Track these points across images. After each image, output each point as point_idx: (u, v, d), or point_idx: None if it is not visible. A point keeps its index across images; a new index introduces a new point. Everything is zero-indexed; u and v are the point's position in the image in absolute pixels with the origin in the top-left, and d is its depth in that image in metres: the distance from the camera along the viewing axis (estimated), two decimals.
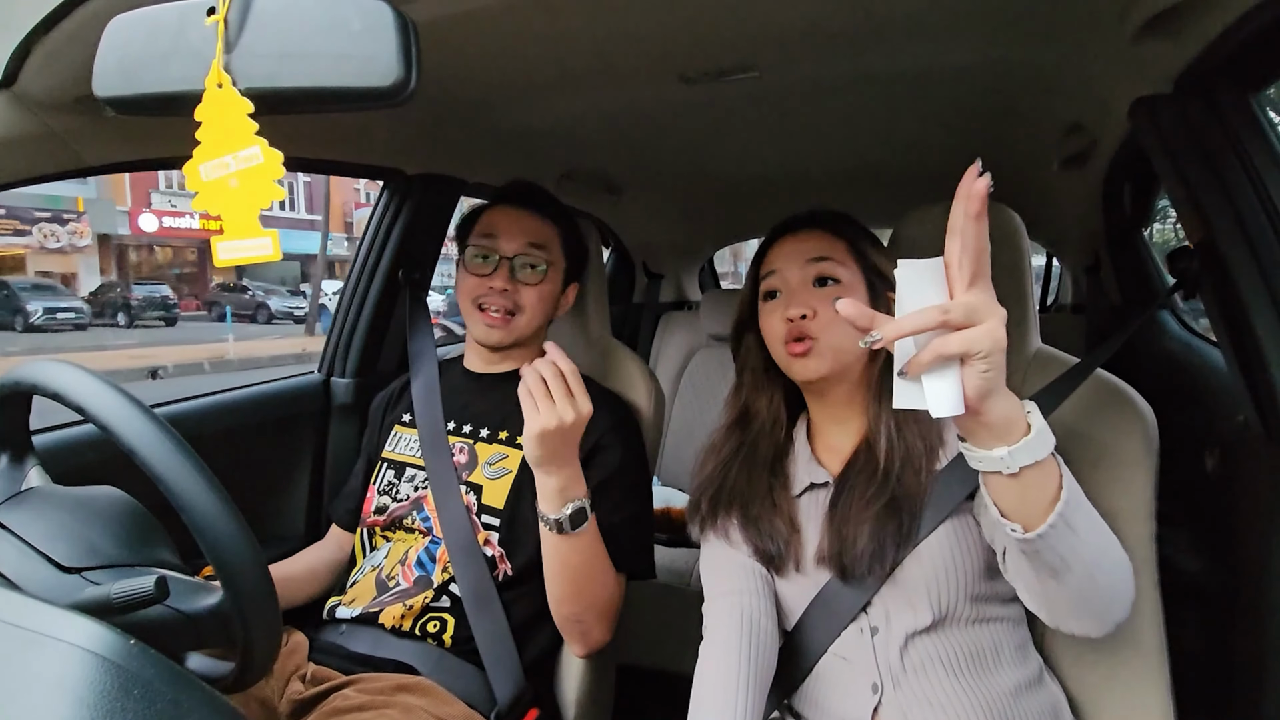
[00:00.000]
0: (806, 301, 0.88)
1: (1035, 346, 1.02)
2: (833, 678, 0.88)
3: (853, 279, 0.90)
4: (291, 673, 1.01)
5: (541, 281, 1.13)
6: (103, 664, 0.41)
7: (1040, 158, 1.58)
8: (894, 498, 0.83)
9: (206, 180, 0.59)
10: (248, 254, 0.60)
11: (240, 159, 0.57)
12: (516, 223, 1.14)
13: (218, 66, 0.54)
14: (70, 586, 0.64)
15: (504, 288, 1.11)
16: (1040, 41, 1.02)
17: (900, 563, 0.83)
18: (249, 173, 0.58)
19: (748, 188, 2.09)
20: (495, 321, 1.11)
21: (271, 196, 0.58)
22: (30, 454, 0.76)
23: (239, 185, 0.58)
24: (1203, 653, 1.07)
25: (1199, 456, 1.20)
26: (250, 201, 0.58)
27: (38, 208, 16.36)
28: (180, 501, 0.61)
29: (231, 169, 0.58)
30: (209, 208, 0.59)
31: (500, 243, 1.12)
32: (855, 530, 0.84)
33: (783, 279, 0.92)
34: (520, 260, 1.12)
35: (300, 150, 1.24)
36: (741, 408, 0.98)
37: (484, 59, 1.04)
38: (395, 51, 0.52)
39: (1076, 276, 2.39)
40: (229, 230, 0.60)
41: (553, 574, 0.98)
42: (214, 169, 0.58)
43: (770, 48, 1.04)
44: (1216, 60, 0.86)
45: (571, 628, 1.03)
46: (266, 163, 0.57)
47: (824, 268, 0.90)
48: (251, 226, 0.59)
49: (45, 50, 0.76)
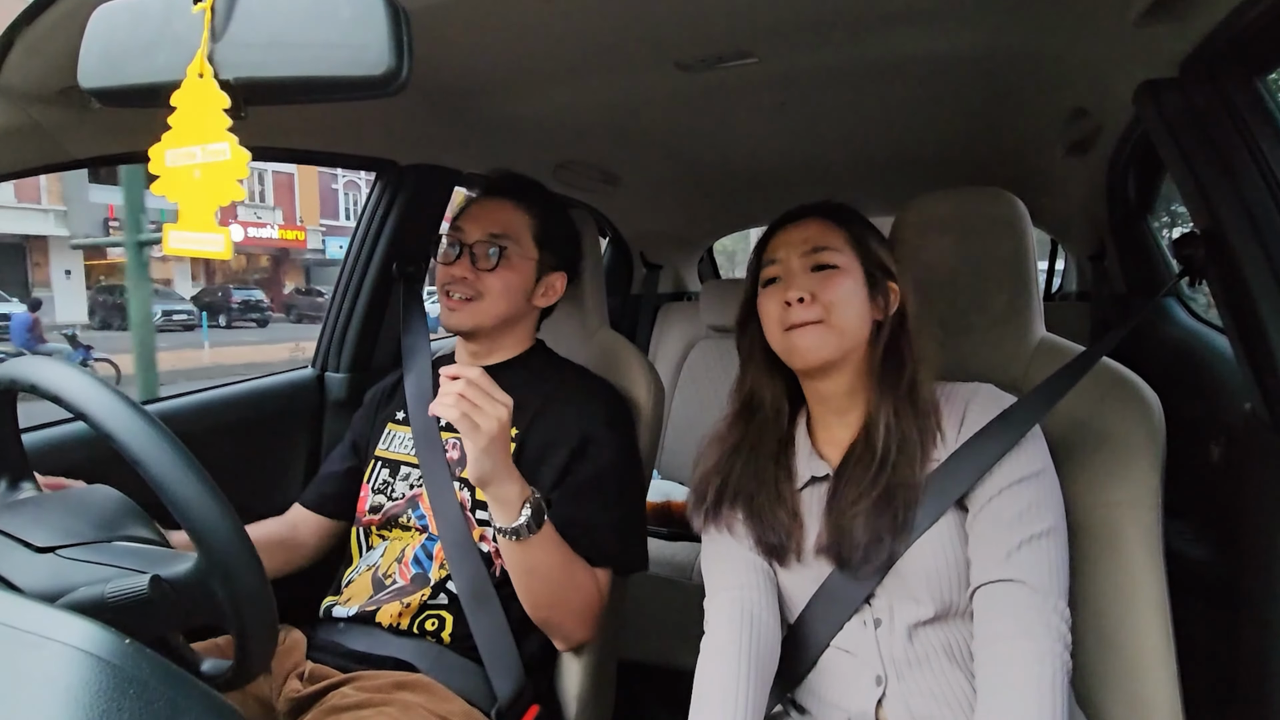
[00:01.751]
0: (805, 285, 0.89)
1: (1040, 335, 1.02)
2: (836, 670, 0.88)
3: (850, 265, 0.90)
4: (289, 671, 1.02)
5: (498, 268, 1.12)
6: (98, 664, 0.42)
7: (1044, 144, 1.57)
8: (889, 487, 0.84)
9: (169, 166, 0.58)
10: (198, 247, 0.60)
11: (207, 152, 0.57)
12: (483, 212, 1.16)
13: (202, 56, 0.54)
14: (45, 565, 0.65)
15: (464, 275, 1.12)
16: (1043, 25, 1.02)
17: (899, 554, 0.84)
18: (214, 167, 0.57)
19: (747, 177, 2.08)
20: (455, 305, 1.13)
21: (232, 196, 0.58)
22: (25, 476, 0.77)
23: (202, 178, 0.58)
24: (1209, 643, 1.07)
25: (1205, 446, 1.20)
26: (210, 196, 0.58)
27: (147, 220, 17.22)
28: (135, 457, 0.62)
29: (197, 160, 0.57)
30: (167, 194, 0.59)
31: (464, 234, 1.15)
32: (852, 522, 0.85)
33: (783, 266, 0.92)
34: (480, 247, 1.13)
35: (289, 141, 1.24)
36: (746, 397, 0.98)
37: (477, 47, 1.03)
38: (386, 40, 0.51)
39: (1081, 264, 2.39)
40: (184, 221, 0.59)
41: (520, 581, 0.99)
42: (179, 157, 0.58)
43: (768, 34, 1.03)
44: (1222, 43, 0.85)
45: (549, 628, 1.04)
46: (233, 161, 0.57)
47: (823, 256, 0.90)
48: (207, 221, 0.59)
49: (28, 41, 0.75)
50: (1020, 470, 0.83)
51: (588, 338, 1.32)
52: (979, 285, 1.02)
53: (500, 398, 0.91)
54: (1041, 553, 0.80)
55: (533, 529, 0.94)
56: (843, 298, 0.88)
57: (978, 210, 1.03)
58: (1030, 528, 0.81)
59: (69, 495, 0.76)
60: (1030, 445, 0.85)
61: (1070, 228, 2.26)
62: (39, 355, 0.80)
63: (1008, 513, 0.82)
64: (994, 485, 0.83)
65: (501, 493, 0.93)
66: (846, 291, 0.89)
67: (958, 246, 1.01)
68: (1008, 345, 1.02)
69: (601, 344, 1.30)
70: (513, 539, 0.94)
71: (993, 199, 1.03)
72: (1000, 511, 0.82)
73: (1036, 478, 0.83)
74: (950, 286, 1.02)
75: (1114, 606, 0.89)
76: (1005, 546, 0.80)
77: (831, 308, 0.88)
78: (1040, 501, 0.82)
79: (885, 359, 0.90)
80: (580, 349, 1.28)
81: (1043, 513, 0.82)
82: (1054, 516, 0.83)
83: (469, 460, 0.91)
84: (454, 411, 0.88)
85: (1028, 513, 0.81)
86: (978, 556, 0.82)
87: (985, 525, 0.83)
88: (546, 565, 0.98)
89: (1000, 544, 0.80)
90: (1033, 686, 0.74)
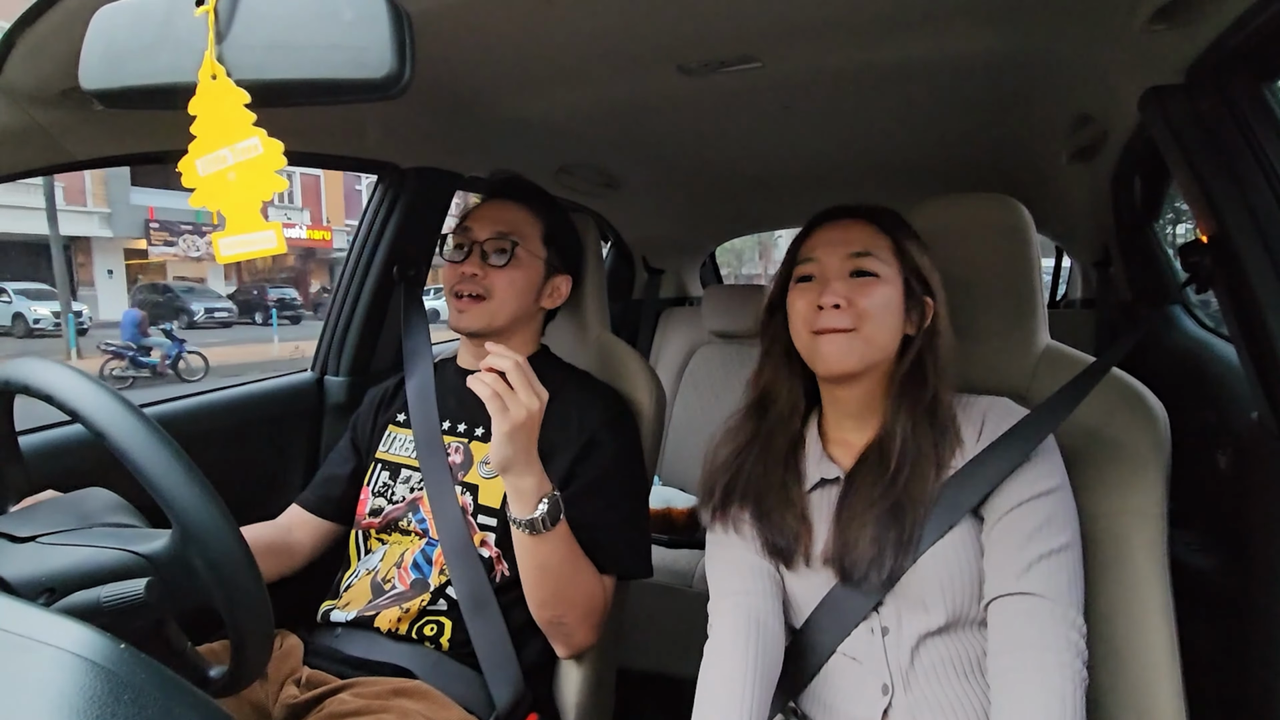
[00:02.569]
0: (841, 291, 0.87)
1: (1044, 343, 1.02)
2: (842, 678, 0.88)
3: (892, 275, 0.89)
4: (286, 676, 1.01)
5: (510, 265, 1.13)
6: (92, 669, 0.41)
7: (1049, 150, 1.57)
8: (897, 503, 0.83)
9: (203, 175, 0.58)
10: (251, 249, 0.60)
11: (238, 151, 0.57)
12: (491, 211, 1.17)
13: (210, 58, 0.54)
14: (25, 553, 0.66)
15: (474, 272, 1.12)
16: (1048, 31, 1.02)
17: (903, 571, 0.83)
18: (248, 165, 0.57)
19: (750, 181, 2.08)
20: (465, 305, 1.13)
21: (273, 188, 0.58)
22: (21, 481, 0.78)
23: (238, 178, 0.58)
24: (1215, 655, 1.07)
25: (1212, 455, 1.20)
26: (250, 194, 0.58)
27: (184, 221, 18.90)
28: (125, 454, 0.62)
29: (229, 162, 0.57)
30: (207, 204, 0.59)
31: (473, 232, 1.15)
32: (858, 533, 0.84)
33: (820, 266, 0.90)
34: (489, 244, 1.13)
35: (290, 144, 1.22)
36: (762, 390, 0.97)
37: (479, 50, 1.04)
38: (389, 43, 0.52)
39: (1086, 271, 2.38)
40: (231, 225, 0.59)
41: (530, 578, 0.99)
42: (211, 163, 0.58)
43: (771, 37, 1.03)
44: (1229, 50, 0.85)
45: (554, 630, 1.04)
46: (266, 153, 0.57)
47: (865, 262, 0.88)
48: (254, 220, 0.59)
49: (30, 42, 0.76)
50: (1038, 484, 0.83)
51: (589, 342, 1.32)
52: (983, 292, 1.01)
53: (538, 389, 0.91)
54: (1058, 567, 0.80)
55: (548, 524, 0.94)
56: (878, 308, 0.87)
57: (981, 216, 1.03)
58: (1048, 543, 0.80)
59: (60, 497, 0.77)
60: (1047, 459, 0.85)
61: (1075, 234, 2.26)
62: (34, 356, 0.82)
63: (1025, 527, 0.81)
64: (1011, 498, 0.83)
65: (521, 483, 0.93)
66: (883, 302, 0.87)
67: (961, 253, 1.01)
68: (1012, 353, 1.01)
69: (603, 349, 1.30)
70: (526, 532, 0.95)
71: (997, 205, 1.03)
72: (1017, 525, 0.82)
73: (1054, 493, 0.83)
74: (953, 293, 1.02)
75: (1119, 617, 0.88)
76: (1022, 561, 0.80)
77: (865, 317, 0.86)
78: (1057, 516, 0.82)
79: (910, 374, 0.89)
80: (581, 353, 1.28)
81: (1060, 528, 0.82)
82: (1071, 532, 0.83)
83: (492, 443, 0.91)
84: (487, 390, 0.89)
85: (1045, 527, 0.81)
86: (993, 569, 0.82)
87: (1002, 538, 0.82)
88: (558, 563, 0.98)
89: (1017, 558, 0.80)
90: (1049, 700, 0.74)
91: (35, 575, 0.63)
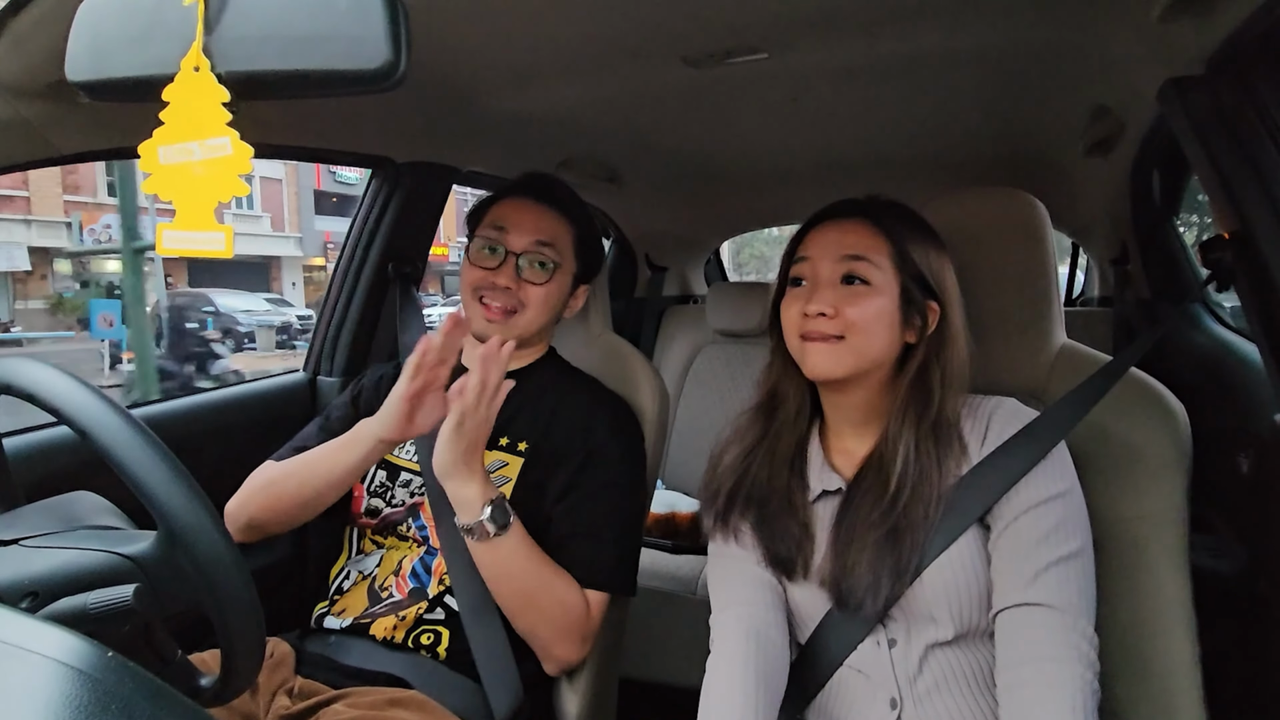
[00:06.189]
0: (829, 299, 0.86)
1: (1060, 342, 1.01)
2: (849, 692, 0.87)
3: (885, 283, 0.86)
4: (278, 686, 1.01)
5: (547, 282, 1.12)
6: (79, 677, 0.41)
7: (1065, 143, 1.57)
8: (895, 528, 0.82)
9: (164, 163, 0.58)
10: (196, 247, 0.59)
11: (206, 147, 0.57)
12: (528, 217, 1.13)
13: (197, 49, 0.54)
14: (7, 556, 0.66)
15: (507, 285, 1.10)
16: (1064, 21, 1.02)
17: (898, 596, 0.83)
18: (214, 163, 0.57)
19: (755, 176, 2.08)
20: (495, 317, 1.11)
21: (234, 191, 0.58)
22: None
23: (201, 174, 0.58)
24: (1237, 661, 1.06)
25: (1233, 457, 1.19)
26: (209, 193, 0.58)
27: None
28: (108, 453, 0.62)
29: (195, 156, 0.57)
30: (161, 192, 0.59)
31: (509, 237, 1.12)
32: (855, 558, 0.83)
33: (811, 269, 0.89)
34: (527, 258, 1.11)
35: (283, 137, 1.24)
36: (771, 388, 0.97)
37: (478, 40, 1.04)
38: (384, 33, 0.52)
39: (1103, 268, 2.38)
40: (180, 220, 0.59)
41: (493, 589, 1.00)
42: (175, 153, 0.58)
43: (778, 27, 1.03)
44: (1251, 39, 0.85)
45: (533, 645, 1.03)
46: (235, 156, 0.57)
47: (857, 267, 0.86)
48: (205, 219, 0.59)
49: (15, 33, 0.76)
50: (1046, 489, 0.81)
51: (591, 342, 1.31)
52: (997, 290, 1.01)
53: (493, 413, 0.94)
54: (1068, 575, 0.79)
55: (492, 530, 0.95)
56: (868, 319, 0.85)
57: (996, 212, 1.03)
58: (1057, 550, 0.79)
59: (46, 501, 0.77)
60: (1056, 462, 0.83)
61: (1092, 230, 2.25)
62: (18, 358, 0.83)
63: (1033, 533, 0.80)
64: (1019, 504, 0.81)
65: (462, 492, 0.96)
66: (874, 312, 0.85)
67: (975, 250, 1.01)
68: (1027, 353, 1.01)
69: (605, 349, 1.30)
70: (474, 538, 0.96)
71: (1011, 200, 1.03)
72: (1025, 532, 0.80)
73: (1063, 497, 0.82)
74: (967, 291, 1.02)
75: (1138, 624, 0.88)
76: (1030, 569, 0.79)
77: (853, 327, 0.85)
78: (1067, 522, 0.81)
79: (914, 384, 0.87)
80: (583, 353, 1.28)
81: (1070, 534, 0.80)
82: (1081, 538, 0.81)
83: (436, 447, 0.94)
84: (456, 406, 0.91)
85: (1054, 534, 0.80)
86: (1001, 578, 0.81)
87: (1009, 546, 0.81)
88: (519, 572, 0.99)
89: (1025, 566, 0.79)
90: (1060, 714, 0.73)
91: (17, 579, 0.63)
